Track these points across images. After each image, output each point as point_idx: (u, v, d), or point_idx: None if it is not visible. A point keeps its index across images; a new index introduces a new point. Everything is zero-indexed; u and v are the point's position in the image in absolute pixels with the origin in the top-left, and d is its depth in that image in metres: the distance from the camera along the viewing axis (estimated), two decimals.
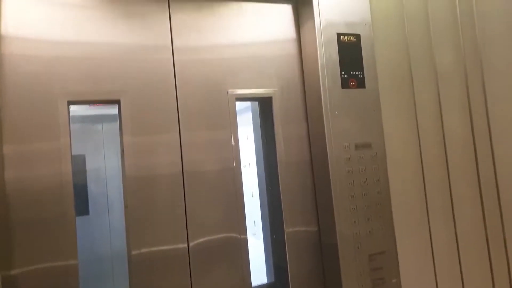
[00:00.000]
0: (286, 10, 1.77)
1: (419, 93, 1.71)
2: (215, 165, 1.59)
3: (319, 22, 1.67)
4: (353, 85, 1.72)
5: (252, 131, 1.88)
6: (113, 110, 1.48)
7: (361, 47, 1.75)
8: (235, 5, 1.67)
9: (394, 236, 1.70)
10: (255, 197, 1.88)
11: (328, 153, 1.63)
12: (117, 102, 1.46)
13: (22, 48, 1.35)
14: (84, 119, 3.92)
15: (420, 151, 1.68)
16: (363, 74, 1.74)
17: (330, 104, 1.66)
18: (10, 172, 1.30)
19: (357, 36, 1.75)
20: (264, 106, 1.79)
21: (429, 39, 1.65)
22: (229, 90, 1.64)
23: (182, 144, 1.54)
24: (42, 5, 1.39)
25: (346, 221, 1.63)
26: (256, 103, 1.82)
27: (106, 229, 2.15)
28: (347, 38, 1.73)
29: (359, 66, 1.74)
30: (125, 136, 1.45)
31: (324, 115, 1.65)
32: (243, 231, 1.61)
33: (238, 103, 1.66)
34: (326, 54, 1.67)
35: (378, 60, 1.79)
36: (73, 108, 1.43)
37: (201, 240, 1.54)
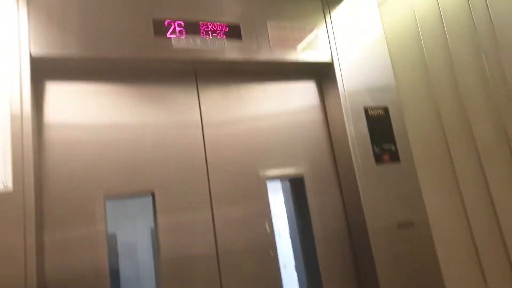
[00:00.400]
0: (310, 87, 1.74)
1: (459, 166, 1.60)
2: (249, 244, 1.47)
3: (345, 98, 1.62)
4: (387, 159, 1.63)
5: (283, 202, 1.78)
6: None
7: (390, 119, 1.69)
8: (258, 87, 1.65)
9: None
10: (288, 269, 1.73)
11: (370, 235, 1.50)
12: (151, 194, 1.41)
13: (64, 135, 1.34)
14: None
15: (471, 230, 1.53)
16: (395, 147, 1.66)
17: (366, 182, 1.56)
18: (50, 260, 1.23)
19: (385, 109, 1.69)
20: (296, 184, 1.69)
21: (464, 110, 1.58)
22: (260, 171, 1.56)
23: (215, 225, 1.44)
24: (79, 93, 1.40)
25: None
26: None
27: None
28: (374, 111, 1.67)
29: (391, 139, 1.67)
30: (160, 219, 1.38)
31: (362, 195, 1.54)
32: None
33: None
34: (355, 130, 1.60)
35: (410, 131, 1.71)
36: None
37: None
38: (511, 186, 1.43)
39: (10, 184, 1.11)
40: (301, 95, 1.72)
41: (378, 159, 1.62)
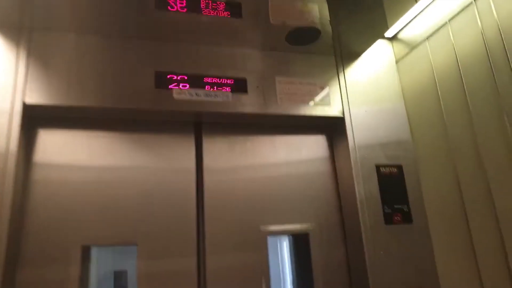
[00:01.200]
0: (320, 141, 1.72)
1: (477, 232, 1.49)
2: None
3: (355, 153, 1.59)
4: (398, 220, 1.56)
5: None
6: None
7: (404, 179, 1.62)
8: (268, 139, 1.66)
9: None
10: None
11: None
12: (134, 244, 1.39)
13: (50, 176, 1.38)
14: None
15: None
16: (408, 208, 1.58)
17: (374, 243, 1.49)
18: None
19: (399, 167, 1.63)
20: (300, 241, 1.65)
21: (485, 177, 1.49)
22: (261, 226, 1.53)
23: (206, 276, 1.41)
24: (71, 136, 1.44)
25: None
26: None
27: None
28: (387, 169, 1.62)
29: (404, 199, 1.60)
30: (141, 269, 1.36)
31: (367, 255, 1.46)
32: None
33: None
34: (365, 188, 1.55)
35: (425, 192, 1.64)
36: None
37: None
38: None
39: None
40: (310, 149, 1.70)
41: (388, 219, 1.55)
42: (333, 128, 1.71)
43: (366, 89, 1.71)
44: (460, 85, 1.61)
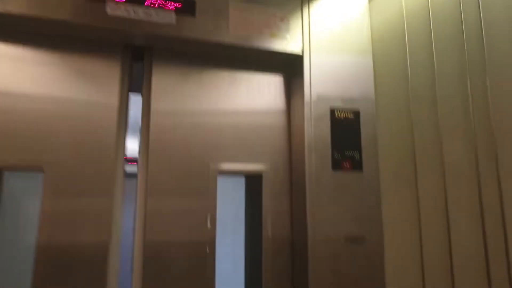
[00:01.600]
0: (277, 80, 1.62)
1: (423, 184, 1.44)
2: (183, 238, 1.37)
3: (309, 95, 1.49)
4: (347, 167, 1.49)
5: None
6: None
7: (359, 125, 1.54)
8: (227, 74, 1.54)
9: None
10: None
11: (308, 247, 1.38)
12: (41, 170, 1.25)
13: None
14: None
15: (422, 254, 1.37)
16: (360, 156, 1.52)
17: (317, 188, 1.43)
18: None
19: (355, 113, 1.55)
20: (252, 183, 1.59)
21: (437, 125, 1.41)
22: (211, 164, 1.46)
23: (146, 215, 1.34)
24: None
25: None
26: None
27: None
28: (343, 114, 1.53)
29: (356, 146, 1.52)
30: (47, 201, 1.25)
31: (308, 200, 1.41)
32: None
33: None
34: (315, 130, 1.47)
35: (380, 142, 1.57)
36: None
37: None
38: (471, 214, 1.27)
39: None
40: (266, 87, 1.60)
41: (336, 165, 1.48)
42: (291, 68, 1.60)
43: (332, 28, 1.58)
44: (428, 36, 1.49)
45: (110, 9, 1.23)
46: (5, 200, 1.38)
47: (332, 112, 1.52)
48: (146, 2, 1.29)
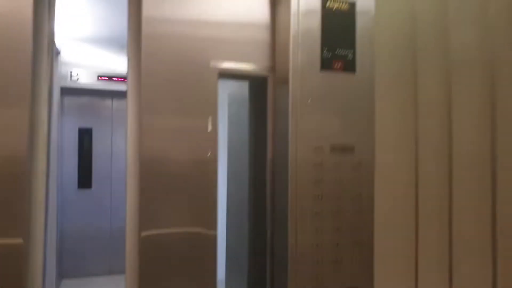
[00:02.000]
0: None
1: (424, 86, 1.26)
2: (185, 155, 1.23)
3: None
4: (338, 67, 1.30)
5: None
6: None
7: (355, 19, 1.32)
8: None
9: (372, 273, 1.29)
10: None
11: (289, 155, 1.24)
12: None
13: None
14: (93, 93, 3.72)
15: (416, 164, 1.24)
16: (354, 55, 1.32)
17: (301, 89, 1.26)
18: None
19: (351, 4, 1.32)
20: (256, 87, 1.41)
21: (445, 16, 1.19)
22: (212, 62, 1.25)
23: (142, 131, 1.18)
24: None
25: (305, 243, 1.23)
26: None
27: None
28: (336, 4, 1.30)
29: (350, 43, 1.32)
30: None
31: (290, 103, 1.24)
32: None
33: None
34: (302, 23, 1.26)
35: (378, 39, 1.36)
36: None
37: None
38: (479, 118, 1.11)
39: None
40: None
41: (326, 65, 1.29)
42: None
43: None
44: None
45: None
46: None
47: (324, 1, 1.29)
48: None
